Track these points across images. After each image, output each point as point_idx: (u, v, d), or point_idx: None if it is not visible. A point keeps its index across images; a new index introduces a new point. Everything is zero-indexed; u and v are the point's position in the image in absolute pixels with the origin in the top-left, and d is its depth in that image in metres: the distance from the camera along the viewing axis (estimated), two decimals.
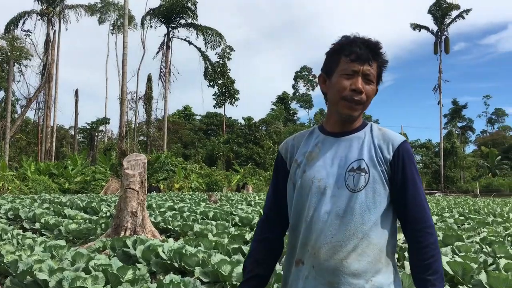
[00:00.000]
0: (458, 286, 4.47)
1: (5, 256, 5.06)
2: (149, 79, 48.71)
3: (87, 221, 9.03)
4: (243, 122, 57.94)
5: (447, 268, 4.54)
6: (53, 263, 4.49)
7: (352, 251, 1.44)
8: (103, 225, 8.24)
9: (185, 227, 8.22)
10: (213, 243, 5.99)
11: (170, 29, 45.67)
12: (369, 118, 68.42)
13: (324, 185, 1.51)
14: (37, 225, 8.75)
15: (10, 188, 24.68)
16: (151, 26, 45.42)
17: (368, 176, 1.48)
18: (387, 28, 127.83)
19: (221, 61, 57.04)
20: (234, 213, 11.43)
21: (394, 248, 1.54)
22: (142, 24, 44.99)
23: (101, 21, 55.31)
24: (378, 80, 1.57)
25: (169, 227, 8.53)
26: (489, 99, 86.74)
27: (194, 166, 38.43)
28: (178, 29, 46.18)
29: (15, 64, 38.79)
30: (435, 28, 52.05)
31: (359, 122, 1.59)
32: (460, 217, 11.29)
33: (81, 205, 12.58)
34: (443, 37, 51.95)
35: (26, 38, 40.70)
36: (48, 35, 42.10)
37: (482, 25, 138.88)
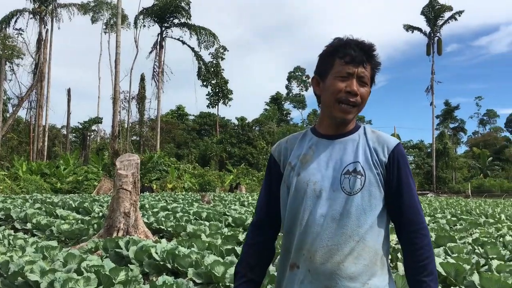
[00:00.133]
0: (451, 287, 4.49)
1: None
2: (142, 78, 48.63)
3: (79, 221, 8.98)
4: (236, 122, 57.96)
5: (440, 269, 4.55)
6: (45, 264, 4.46)
7: (348, 254, 1.44)
8: (95, 225, 8.19)
9: (178, 227, 8.19)
10: (206, 244, 5.98)
11: (163, 28, 45.62)
12: (362, 119, 68.76)
13: (319, 188, 1.50)
14: (29, 226, 8.69)
15: (1, 187, 24.47)
16: (144, 26, 45.47)
17: (364, 178, 1.48)
18: (380, 29, 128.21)
19: (214, 61, 57.03)
20: (227, 213, 11.42)
21: (388, 250, 1.54)
22: (136, 23, 44.97)
23: (94, 20, 55.13)
24: (371, 82, 1.57)
25: (162, 227, 8.50)
26: (481, 100, 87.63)
27: (187, 166, 38.34)
28: (172, 29, 46.24)
29: (7, 62, 38.48)
30: (428, 30, 52.40)
31: (352, 124, 1.59)
32: (452, 218, 11.37)
33: (73, 205, 12.50)
34: (436, 39, 52.29)
35: (18, 37, 40.48)
36: (40, 33, 41.81)
37: (474, 26, 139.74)
